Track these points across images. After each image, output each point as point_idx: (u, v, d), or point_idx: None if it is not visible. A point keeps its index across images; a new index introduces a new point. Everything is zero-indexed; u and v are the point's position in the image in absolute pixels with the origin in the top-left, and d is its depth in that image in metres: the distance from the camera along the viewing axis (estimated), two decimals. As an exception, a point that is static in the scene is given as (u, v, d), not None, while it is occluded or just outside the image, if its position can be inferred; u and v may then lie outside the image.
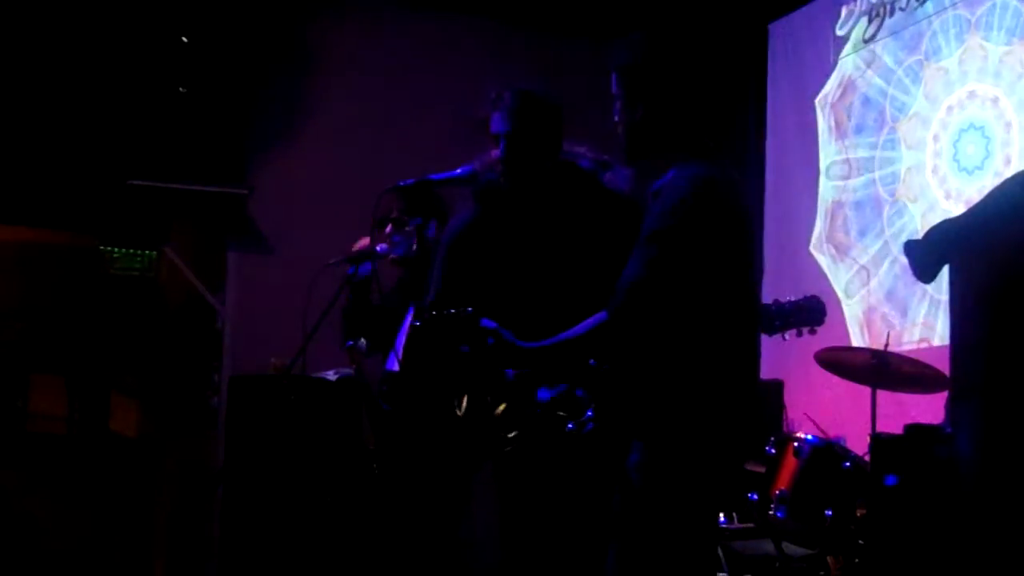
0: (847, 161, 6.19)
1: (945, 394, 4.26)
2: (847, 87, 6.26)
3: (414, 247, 4.48)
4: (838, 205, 6.20)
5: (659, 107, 2.97)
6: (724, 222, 2.83)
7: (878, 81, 6.04)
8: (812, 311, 3.09)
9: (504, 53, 7.03)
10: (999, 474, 3.11)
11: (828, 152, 6.34)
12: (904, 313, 5.68)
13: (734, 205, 2.88)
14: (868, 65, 6.12)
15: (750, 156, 6.78)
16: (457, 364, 3.35)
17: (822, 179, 6.34)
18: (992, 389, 3.17)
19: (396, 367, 4.37)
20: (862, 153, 6.10)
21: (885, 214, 5.92)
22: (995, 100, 5.33)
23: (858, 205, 6.08)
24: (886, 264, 5.81)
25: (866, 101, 6.12)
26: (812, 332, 3.13)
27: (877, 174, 5.98)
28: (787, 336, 3.10)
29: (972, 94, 5.47)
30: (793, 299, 3.12)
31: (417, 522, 4.18)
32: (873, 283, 5.85)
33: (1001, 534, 3.09)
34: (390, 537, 4.26)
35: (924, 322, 5.58)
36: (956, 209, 5.22)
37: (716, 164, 2.92)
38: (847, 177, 6.17)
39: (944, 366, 3.86)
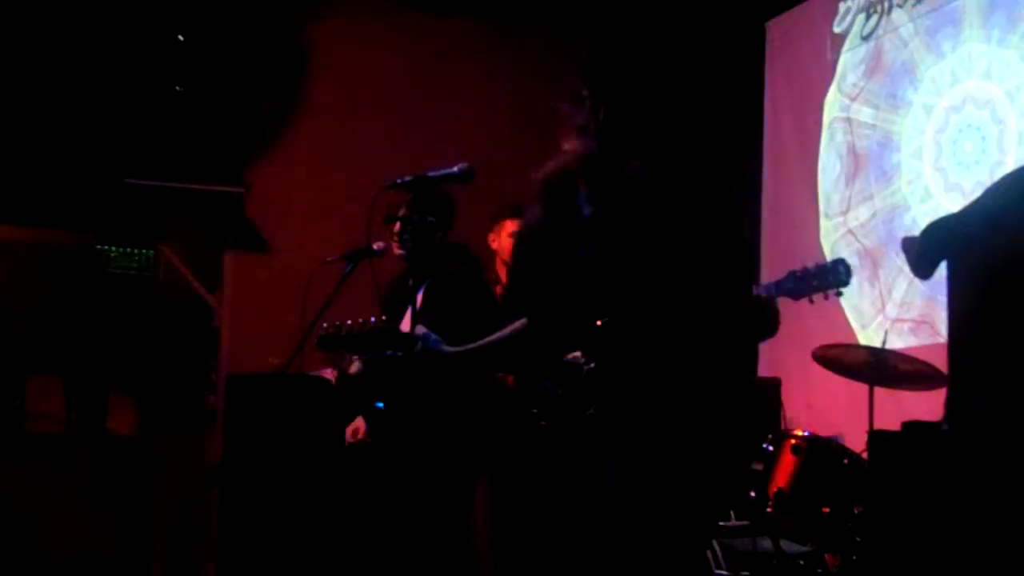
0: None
1: (943, 391, 4.25)
2: (845, 84, 6.26)
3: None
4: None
5: (619, 108, 2.94)
6: (650, 220, 2.81)
7: (876, 79, 6.04)
8: (837, 272, 3.10)
9: (502, 53, 7.03)
10: (998, 470, 3.11)
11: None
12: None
13: (667, 201, 2.85)
14: (866, 62, 6.12)
15: (747, 154, 6.78)
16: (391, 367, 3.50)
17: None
18: (991, 385, 3.17)
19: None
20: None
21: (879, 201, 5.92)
22: (993, 98, 5.33)
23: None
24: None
25: (865, 98, 6.11)
26: (838, 295, 3.14)
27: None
28: (813, 299, 3.13)
29: (970, 92, 5.47)
30: (819, 263, 3.15)
31: (424, 520, 4.19)
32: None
33: (1000, 531, 3.09)
34: (391, 535, 4.26)
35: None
36: (954, 206, 5.22)
37: (660, 161, 2.89)
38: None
39: (942, 363, 3.86)
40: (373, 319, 3.50)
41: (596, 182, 2.93)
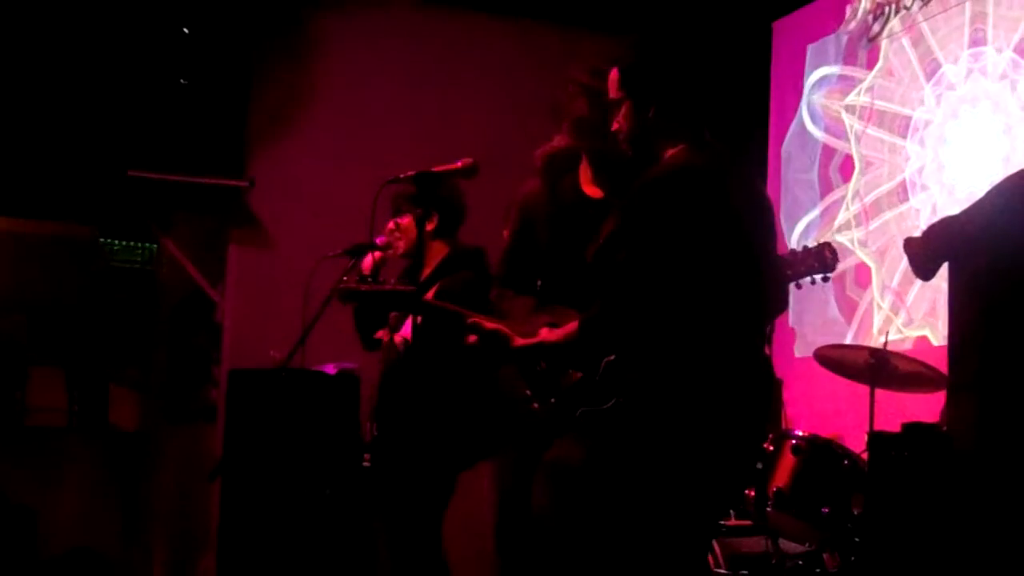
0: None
1: (943, 393, 4.25)
2: (850, 88, 6.25)
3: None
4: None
5: (668, 104, 3.01)
6: (688, 211, 2.86)
7: (883, 79, 6.04)
8: (822, 257, 3.11)
9: (510, 48, 7.03)
10: (996, 470, 3.11)
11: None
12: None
13: (702, 193, 2.90)
14: (873, 64, 6.12)
15: (753, 156, 6.77)
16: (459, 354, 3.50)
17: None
18: (990, 385, 3.18)
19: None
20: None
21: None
22: (997, 100, 5.33)
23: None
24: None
25: (871, 99, 6.11)
26: (825, 280, 3.15)
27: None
28: (801, 284, 3.14)
29: (975, 93, 5.46)
30: (807, 247, 3.15)
31: (406, 515, 4.20)
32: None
33: (999, 531, 3.09)
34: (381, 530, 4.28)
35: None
36: (957, 207, 5.21)
37: (697, 153, 2.94)
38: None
39: (943, 366, 3.86)
40: (395, 280, 3.52)
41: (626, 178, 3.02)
